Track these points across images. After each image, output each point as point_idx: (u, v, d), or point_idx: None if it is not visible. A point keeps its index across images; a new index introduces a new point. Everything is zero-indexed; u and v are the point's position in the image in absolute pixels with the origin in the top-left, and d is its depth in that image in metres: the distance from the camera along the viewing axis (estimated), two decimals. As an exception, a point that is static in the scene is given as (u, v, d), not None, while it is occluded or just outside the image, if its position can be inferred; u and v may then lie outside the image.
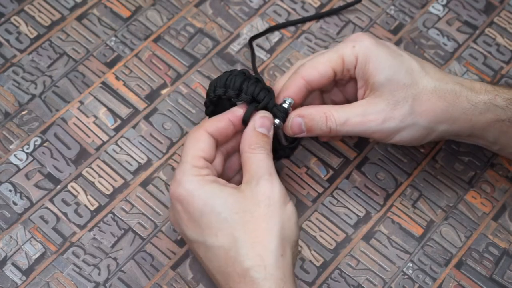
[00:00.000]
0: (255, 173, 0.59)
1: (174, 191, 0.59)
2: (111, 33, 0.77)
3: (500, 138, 0.66)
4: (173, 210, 0.60)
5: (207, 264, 0.59)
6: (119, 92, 0.74)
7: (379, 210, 0.70)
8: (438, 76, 0.64)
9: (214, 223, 0.57)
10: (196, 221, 0.58)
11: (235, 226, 0.57)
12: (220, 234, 0.57)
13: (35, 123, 0.72)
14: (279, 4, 0.80)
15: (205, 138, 0.61)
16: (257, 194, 0.58)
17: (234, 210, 0.58)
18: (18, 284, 0.65)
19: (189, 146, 0.61)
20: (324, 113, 0.63)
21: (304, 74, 0.64)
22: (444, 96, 0.63)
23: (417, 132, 0.64)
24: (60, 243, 0.67)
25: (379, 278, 0.67)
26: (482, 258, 0.68)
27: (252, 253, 0.57)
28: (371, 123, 0.63)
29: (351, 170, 0.72)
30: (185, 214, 0.59)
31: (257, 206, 0.58)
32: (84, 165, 0.70)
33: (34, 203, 0.68)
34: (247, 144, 0.61)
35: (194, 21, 0.78)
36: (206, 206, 0.58)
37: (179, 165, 0.60)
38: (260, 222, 0.57)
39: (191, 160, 0.60)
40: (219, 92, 0.63)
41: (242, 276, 0.56)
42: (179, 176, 0.59)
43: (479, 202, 0.71)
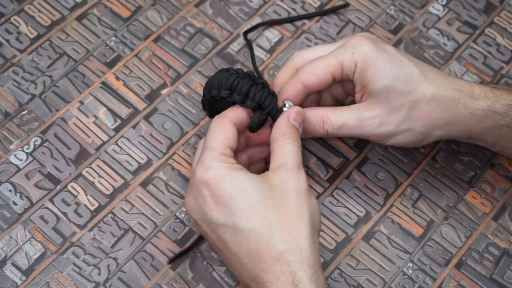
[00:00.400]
0: (285, 163, 0.60)
1: (201, 176, 0.59)
2: (111, 33, 0.77)
3: (498, 141, 0.67)
4: (197, 195, 0.60)
5: (234, 248, 0.58)
6: (119, 92, 0.74)
7: (379, 210, 0.70)
8: (438, 82, 0.65)
9: (246, 206, 0.58)
10: (225, 204, 0.58)
11: (268, 210, 0.58)
12: (253, 217, 0.57)
13: (35, 123, 0.72)
14: (279, 4, 0.80)
15: (231, 127, 0.62)
16: (286, 183, 0.59)
17: (266, 195, 0.58)
18: (18, 284, 0.65)
19: (216, 133, 0.61)
20: (321, 116, 0.65)
21: (302, 79, 0.65)
22: (442, 104, 0.64)
23: (413, 136, 0.65)
24: (60, 243, 0.67)
25: (379, 278, 0.67)
26: (482, 258, 0.68)
27: (287, 237, 0.57)
28: (367, 127, 0.65)
29: (351, 170, 0.72)
30: (212, 198, 0.59)
31: (287, 195, 0.59)
32: (84, 165, 0.70)
33: (34, 203, 0.68)
34: (280, 133, 0.61)
35: (194, 21, 0.78)
36: (237, 190, 0.58)
37: (205, 152, 0.60)
38: (292, 209, 0.58)
39: (219, 148, 0.60)
40: (224, 95, 0.63)
41: (277, 259, 0.56)
42: (208, 161, 0.59)
43: (479, 202, 0.71)
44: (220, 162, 0.59)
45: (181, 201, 0.69)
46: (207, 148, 0.61)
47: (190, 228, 0.68)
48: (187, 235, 0.68)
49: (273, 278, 0.56)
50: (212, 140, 0.61)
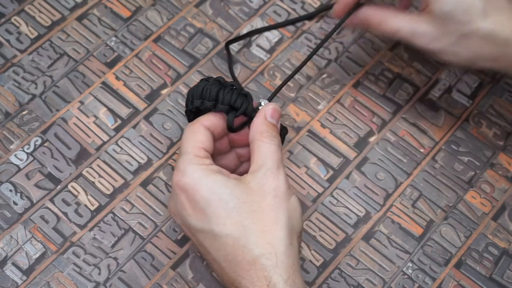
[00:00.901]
0: (263, 163, 0.60)
1: (178, 181, 0.59)
2: (111, 33, 0.77)
3: None
4: (176, 200, 0.60)
5: (214, 254, 0.58)
6: (119, 92, 0.74)
7: (379, 210, 0.70)
8: (499, 20, 0.65)
9: (222, 211, 0.57)
10: (202, 210, 0.58)
11: (244, 215, 0.57)
12: (229, 223, 0.57)
13: (35, 123, 0.72)
14: (279, 4, 0.80)
15: (203, 130, 0.61)
16: (264, 185, 0.59)
17: (242, 200, 0.58)
18: (19, 284, 0.65)
19: (188, 138, 0.61)
20: (379, 20, 0.67)
21: None
22: (494, 42, 0.64)
23: (459, 60, 0.66)
24: (60, 243, 0.67)
25: (379, 278, 0.67)
26: (481, 258, 0.68)
27: (262, 241, 0.57)
28: (418, 41, 0.67)
29: (351, 170, 0.72)
30: (189, 203, 0.59)
31: (264, 197, 0.58)
32: (84, 165, 0.70)
33: (34, 203, 0.68)
34: (258, 132, 0.61)
35: (194, 21, 0.78)
36: (213, 195, 0.58)
37: (180, 156, 0.60)
38: (268, 212, 0.58)
39: (192, 150, 0.60)
40: (197, 104, 0.63)
41: (252, 264, 0.56)
42: (183, 165, 0.59)
43: (479, 202, 0.71)
44: (195, 165, 0.59)
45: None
46: (181, 153, 0.61)
47: (190, 228, 0.68)
48: (187, 235, 0.68)
49: (249, 283, 0.56)
50: (185, 144, 0.61)
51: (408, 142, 0.73)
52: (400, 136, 0.73)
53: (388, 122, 0.74)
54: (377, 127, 0.74)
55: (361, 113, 0.74)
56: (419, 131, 0.74)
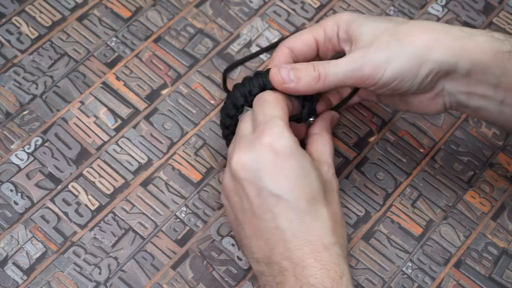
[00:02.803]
0: (327, 161, 0.63)
1: (272, 141, 0.58)
2: (112, 33, 0.77)
3: (502, 78, 0.61)
4: (259, 157, 0.58)
5: (282, 222, 0.58)
6: (120, 92, 0.74)
7: (379, 209, 0.70)
8: None
9: (308, 188, 0.58)
10: (290, 179, 0.58)
11: (324, 201, 0.59)
12: (311, 202, 0.58)
13: (36, 123, 0.72)
14: (279, 4, 0.80)
15: (285, 105, 0.62)
16: (331, 180, 0.62)
17: (323, 187, 0.59)
18: (19, 284, 0.65)
19: (276, 104, 0.61)
20: (311, 63, 0.63)
21: (287, 44, 0.66)
22: (434, 27, 0.62)
23: (408, 60, 0.61)
24: (61, 242, 0.67)
25: (379, 277, 0.67)
26: (481, 258, 0.68)
27: (337, 231, 0.59)
28: (358, 58, 0.61)
29: (351, 170, 0.72)
30: (278, 167, 0.58)
31: (333, 193, 0.61)
32: (84, 165, 0.70)
33: (35, 203, 0.68)
34: (324, 128, 0.65)
35: (194, 21, 0.79)
36: (303, 170, 0.58)
37: (273, 119, 0.59)
38: (337, 207, 0.61)
39: (284, 118, 0.60)
40: (241, 102, 0.64)
41: (327, 248, 0.57)
42: (278, 129, 0.59)
43: (478, 202, 0.71)
44: (290, 133, 0.59)
45: (181, 200, 0.69)
46: (272, 115, 0.60)
47: (190, 227, 0.68)
48: (187, 235, 0.68)
49: (319, 264, 0.57)
50: (274, 109, 0.60)
51: (408, 142, 0.73)
52: (400, 136, 0.74)
53: (388, 122, 0.74)
54: (376, 127, 0.74)
55: (361, 113, 0.75)
56: (419, 131, 0.74)
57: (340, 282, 0.56)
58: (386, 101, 0.69)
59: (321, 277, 0.56)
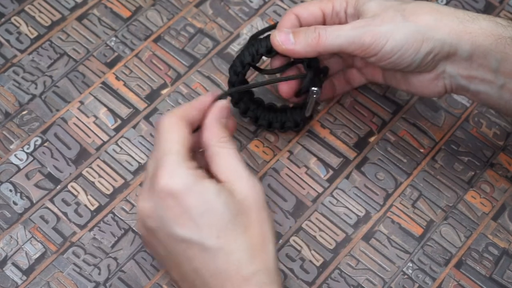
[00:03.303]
0: (235, 171, 0.57)
1: (166, 184, 0.55)
2: (111, 33, 0.77)
3: (503, 63, 0.61)
4: (159, 203, 0.56)
5: (198, 265, 0.55)
6: (119, 92, 0.74)
7: (379, 210, 0.70)
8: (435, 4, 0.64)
9: (216, 224, 0.55)
10: (192, 220, 0.55)
11: (238, 229, 0.55)
12: (222, 236, 0.55)
13: (35, 123, 0.72)
14: (279, 4, 0.80)
15: (184, 126, 0.58)
16: (247, 198, 0.56)
17: (235, 212, 0.55)
18: (19, 284, 0.65)
19: (172, 134, 0.57)
20: (313, 26, 0.63)
21: (295, 11, 0.66)
22: (438, 8, 0.62)
23: (411, 34, 0.61)
24: (60, 243, 0.67)
25: (379, 278, 0.67)
26: (481, 258, 0.68)
27: (258, 256, 0.55)
28: (362, 26, 0.62)
29: (351, 170, 0.72)
30: (178, 210, 0.55)
31: (250, 211, 0.56)
32: (84, 165, 0.70)
33: (34, 203, 0.68)
34: (216, 138, 0.58)
35: (194, 21, 0.78)
36: (206, 204, 0.55)
37: (165, 156, 0.56)
38: (256, 227, 0.56)
39: (180, 150, 0.56)
40: (247, 60, 0.66)
41: (247, 280, 0.54)
42: (171, 167, 0.55)
43: (479, 202, 0.71)
44: (185, 168, 0.55)
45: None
46: (165, 151, 0.56)
47: (190, 228, 0.68)
48: (187, 235, 0.68)
49: None
50: (169, 143, 0.56)
51: (408, 142, 0.73)
52: (400, 136, 0.73)
53: (388, 122, 0.74)
54: (377, 127, 0.74)
55: (361, 113, 0.74)
56: (419, 131, 0.74)
57: None
58: (391, 80, 0.69)
59: None
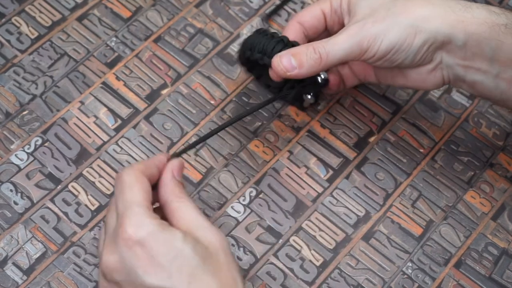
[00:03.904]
0: (198, 223, 0.57)
1: (134, 234, 0.54)
2: (112, 33, 0.77)
3: (498, 51, 0.61)
4: (125, 254, 0.55)
5: None
6: (120, 92, 0.74)
7: (379, 210, 0.70)
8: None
9: (186, 269, 0.54)
10: (163, 266, 0.54)
11: (208, 273, 0.55)
12: (193, 281, 0.54)
13: (35, 123, 0.72)
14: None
15: (146, 180, 0.58)
16: (211, 244, 0.56)
17: (203, 256, 0.55)
18: (19, 284, 0.65)
19: (134, 186, 0.57)
20: (310, 45, 0.63)
21: (297, 19, 0.67)
22: (429, 1, 0.62)
23: (403, 30, 0.62)
24: (60, 242, 0.67)
25: (379, 277, 0.67)
26: (481, 258, 0.68)
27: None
28: (355, 32, 0.62)
29: (351, 170, 0.72)
30: (148, 258, 0.54)
31: (218, 256, 0.56)
32: (84, 165, 0.70)
33: (35, 203, 0.68)
34: (173, 194, 0.59)
35: (194, 21, 0.78)
36: (175, 251, 0.55)
37: (130, 207, 0.56)
38: (225, 271, 0.56)
39: (143, 202, 0.56)
40: (247, 55, 0.67)
41: None
42: (137, 218, 0.55)
43: (478, 202, 0.71)
44: (150, 218, 0.55)
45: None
46: (130, 202, 0.56)
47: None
48: (187, 234, 0.68)
49: None
50: (131, 193, 0.56)
51: (408, 142, 0.73)
52: (400, 136, 0.74)
53: (388, 122, 0.74)
54: (376, 127, 0.74)
55: (361, 113, 0.75)
56: (419, 131, 0.74)
57: None
58: (385, 78, 0.68)
59: None
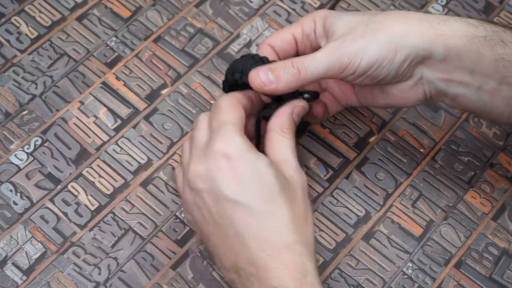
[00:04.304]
0: (286, 159, 0.61)
1: (223, 147, 0.58)
2: (112, 33, 0.77)
3: (478, 63, 0.61)
4: (212, 165, 0.58)
5: (241, 227, 0.57)
6: (119, 92, 0.74)
7: (379, 210, 0.70)
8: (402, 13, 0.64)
9: (264, 190, 0.58)
10: (243, 183, 0.57)
11: (284, 200, 0.58)
12: (269, 202, 0.57)
13: (35, 123, 0.72)
14: (279, 4, 0.80)
15: (241, 108, 0.61)
16: (293, 178, 0.60)
17: (282, 186, 0.58)
18: (19, 284, 0.65)
19: (230, 108, 0.60)
20: (289, 60, 0.63)
21: (268, 41, 0.67)
22: (408, 15, 0.63)
23: (383, 47, 0.61)
24: (60, 243, 0.67)
25: (379, 278, 0.67)
26: (481, 258, 0.68)
27: (300, 229, 0.58)
28: (335, 49, 0.62)
29: (351, 170, 0.72)
30: (231, 172, 0.57)
31: (296, 190, 0.59)
32: (84, 165, 0.70)
33: (34, 203, 0.68)
34: (280, 125, 0.62)
35: (194, 21, 0.78)
36: (258, 172, 0.58)
37: (223, 125, 0.59)
38: (300, 205, 0.59)
39: (237, 122, 0.60)
40: (229, 78, 0.65)
41: (288, 247, 0.57)
42: (228, 133, 0.58)
43: (479, 202, 0.71)
44: (241, 138, 0.59)
45: (181, 201, 0.69)
46: (224, 121, 0.59)
47: (190, 228, 0.68)
48: (187, 235, 0.68)
49: (281, 265, 0.56)
50: (227, 114, 0.60)
51: (408, 142, 0.73)
52: (400, 136, 0.73)
53: (388, 122, 0.74)
54: (377, 127, 0.74)
55: (361, 113, 0.74)
56: (419, 131, 0.74)
57: (304, 281, 0.56)
58: (366, 99, 0.68)
59: (283, 278, 0.56)
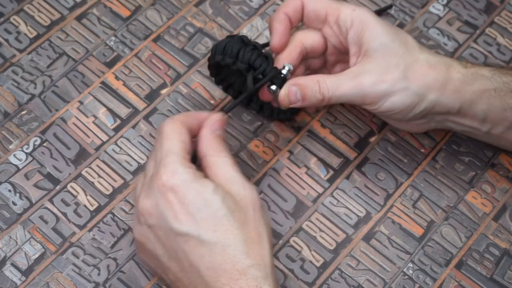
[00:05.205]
0: (230, 177, 0.60)
1: (167, 180, 0.58)
2: (111, 32, 0.77)
3: (488, 113, 0.66)
4: (159, 200, 0.58)
5: (194, 259, 0.57)
6: (119, 92, 0.74)
7: (380, 210, 0.70)
8: (431, 52, 0.66)
9: (213, 218, 0.57)
10: (191, 214, 0.57)
11: (234, 224, 0.57)
12: (219, 230, 0.57)
13: (34, 123, 0.72)
14: (278, 4, 0.80)
15: (185, 132, 0.61)
16: (243, 198, 0.59)
17: (231, 209, 0.58)
18: (18, 284, 0.65)
19: (172, 137, 0.60)
20: (317, 81, 0.65)
21: (299, 38, 0.68)
22: (435, 66, 0.65)
23: (408, 97, 0.64)
24: (59, 243, 0.67)
25: (380, 278, 0.67)
26: (482, 259, 0.68)
27: (253, 252, 0.57)
28: (363, 85, 0.64)
29: (351, 170, 0.71)
30: (178, 205, 0.58)
31: (247, 210, 0.59)
32: (83, 165, 0.70)
33: (33, 203, 0.68)
34: (211, 148, 0.61)
35: (194, 20, 0.78)
36: (204, 200, 0.58)
37: (167, 155, 0.59)
38: (252, 225, 0.59)
39: (180, 152, 0.59)
40: (218, 59, 0.65)
41: (243, 273, 0.56)
42: (172, 166, 0.58)
43: (480, 202, 0.71)
44: (185, 167, 0.59)
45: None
46: (167, 151, 0.59)
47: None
48: (187, 235, 0.68)
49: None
50: (170, 144, 0.60)
51: (409, 142, 0.73)
52: (401, 136, 0.73)
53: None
54: (377, 127, 0.74)
55: (361, 113, 0.74)
56: (420, 131, 0.74)
57: None
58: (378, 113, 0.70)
59: None
